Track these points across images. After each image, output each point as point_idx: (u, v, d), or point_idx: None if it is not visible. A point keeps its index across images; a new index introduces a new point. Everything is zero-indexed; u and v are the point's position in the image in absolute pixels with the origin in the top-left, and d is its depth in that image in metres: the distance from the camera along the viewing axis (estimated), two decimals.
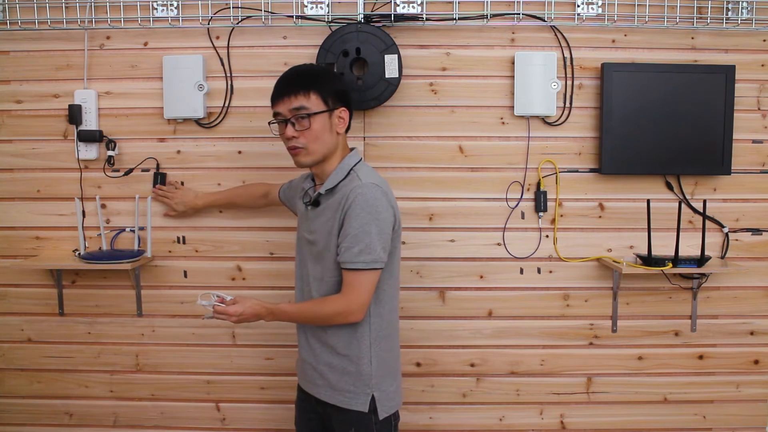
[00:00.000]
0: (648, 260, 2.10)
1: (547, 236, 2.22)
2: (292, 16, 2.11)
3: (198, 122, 2.18)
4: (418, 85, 2.17)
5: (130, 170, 2.20)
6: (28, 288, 2.26)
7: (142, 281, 2.24)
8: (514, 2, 2.12)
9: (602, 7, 2.11)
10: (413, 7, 2.10)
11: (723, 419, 2.29)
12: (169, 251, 2.23)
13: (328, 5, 2.10)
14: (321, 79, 1.63)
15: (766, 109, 2.19)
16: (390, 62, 2.05)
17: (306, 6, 2.11)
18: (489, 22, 2.13)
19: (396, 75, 2.06)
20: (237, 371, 2.27)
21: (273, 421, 2.28)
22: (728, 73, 2.11)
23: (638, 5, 2.11)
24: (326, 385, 1.67)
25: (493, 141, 2.19)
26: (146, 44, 2.17)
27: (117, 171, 2.20)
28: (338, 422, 1.67)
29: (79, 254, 2.14)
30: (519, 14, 2.13)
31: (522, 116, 2.17)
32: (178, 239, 2.23)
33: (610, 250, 2.22)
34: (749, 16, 2.11)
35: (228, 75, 2.17)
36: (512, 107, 2.15)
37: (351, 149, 1.71)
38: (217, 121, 2.18)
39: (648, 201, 2.13)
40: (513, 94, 2.14)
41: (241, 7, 2.12)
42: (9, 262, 2.22)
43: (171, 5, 2.12)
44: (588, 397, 2.28)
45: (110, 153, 2.16)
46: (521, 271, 2.23)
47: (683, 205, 2.17)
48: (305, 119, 1.60)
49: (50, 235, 2.23)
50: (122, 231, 2.22)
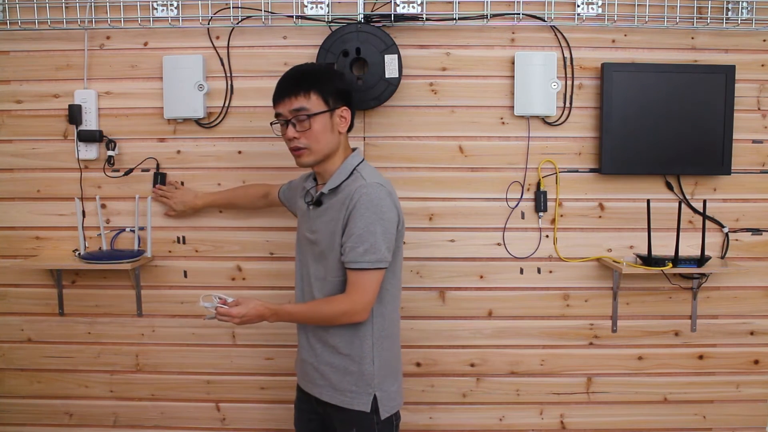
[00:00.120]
0: (648, 260, 2.10)
1: (547, 236, 2.22)
2: (292, 16, 2.11)
3: (198, 122, 2.18)
4: (418, 85, 2.17)
5: (130, 170, 2.20)
6: (28, 288, 2.26)
7: (142, 281, 2.24)
8: (514, 2, 2.12)
9: (602, 7, 2.11)
10: (413, 7, 2.10)
11: (723, 419, 2.29)
12: (169, 251, 2.23)
13: (328, 5, 2.10)
14: (321, 79, 1.63)
15: (766, 109, 2.19)
16: (390, 62, 2.05)
17: (306, 6, 2.11)
18: (489, 22, 2.13)
19: (396, 75, 2.06)
20: (237, 371, 2.27)
21: (273, 421, 2.28)
22: (728, 73, 2.11)
23: (638, 5, 2.11)
24: (327, 385, 1.66)
25: (493, 141, 2.19)
26: (146, 44, 2.17)
27: (117, 171, 2.20)
28: (339, 422, 1.67)
29: (79, 254, 2.14)
30: (519, 14, 2.13)
31: (522, 116, 2.17)
32: (178, 239, 2.23)
33: (610, 250, 2.22)
34: (749, 16, 2.11)
35: (228, 75, 2.17)
36: (512, 107, 2.15)
37: (353, 149, 1.71)
38: (217, 121, 2.19)
39: (648, 201, 2.13)
40: (513, 94, 2.15)
41: (241, 7, 2.12)
42: (9, 262, 2.22)
43: (171, 5, 2.12)
44: (588, 397, 2.28)
45: (110, 153, 2.16)
46: (521, 271, 2.23)
47: (683, 205, 2.17)
48: (306, 120, 1.60)
49: (50, 235, 2.23)
50: (122, 231, 2.22)
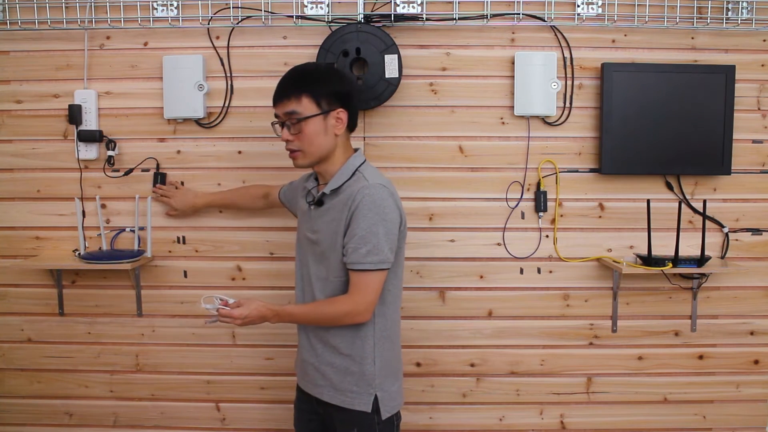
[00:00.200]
0: (648, 260, 2.10)
1: (547, 236, 2.22)
2: (292, 16, 2.11)
3: (198, 122, 2.18)
4: (418, 85, 2.17)
5: (130, 170, 2.20)
6: (28, 288, 2.26)
7: (142, 281, 2.24)
8: (514, 2, 2.12)
9: (602, 7, 2.11)
10: (413, 7, 2.10)
11: (723, 419, 2.29)
12: (169, 251, 2.23)
13: (328, 5, 2.10)
14: (313, 82, 1.61)
15: (766, 109, 2.19)
16: (390, 62, 2.05)
17: (306, 6, 2.10)
18: (489, 22, 2.13)
19: (396, 75, 2.06)
20: (237, 371, 2.27)
21: (273, 421, 2.28)
22: (728, 73, 2.10)
23: (638, 5, 2.11)
24: (328, 386, 1.66)
25: (493, 141, 2.19)
26: (146, 44, 2.17)
27: (117, 171, 2.20)
28: (340, 422, 1.66)
29: (79, 254, 2.14)
30: (519, 14, 2.13)
31: (522, 116, 2.17)
32: (178, 239, 2.23)
33: (610, 250, 2.22)
34: (749, 16, 2.11)
35: (228, 75, 2.17)
36: (512, 107, 2.15)
37: (355, 149, 1.70)
38: (217, 121, 2.18)
39: (648, 201, 2.13)
40: (513, 94, 2.14)
41: (241, 7, 2.12)
42: (9, 262, 2.22)
43: (171, 5, 2.12)
44: (588, 397, 2.28)
45: (110, 153, 2.16)
46: (521, 271, 2.23)
47: (683, 205, 2.17)
48: (298, 123, 1.60)
49: (50, 235, 2.23)
50: (122, 231, 2.22)
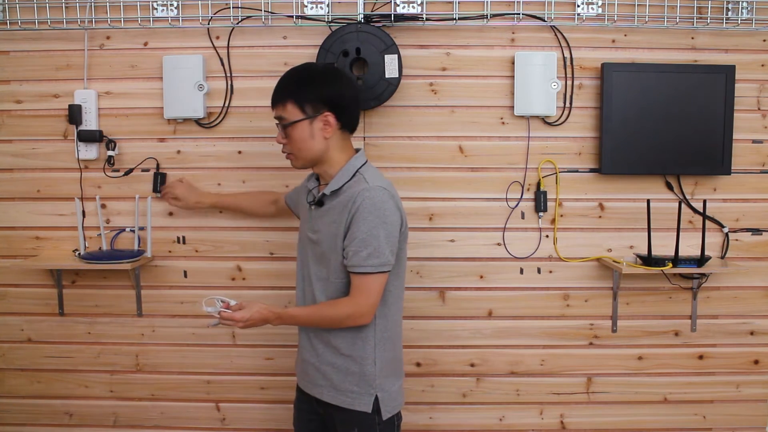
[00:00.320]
0: (648, 260, 2.10)
1: (547, 236, 2.22)
2: (292, 16, 2.11)
3: (198, 122, 2.18)
4: (418, 85, 2.17)
5: (130, 170, 2.20)
6: (28, 288, 2.26)
7: (142, 281, 2.24)
8: (514, 2, 2.12)
9: (602, 7, 2.11)
10: (413, 7, 2.10)
11: (723, 419, 2.29)
12: (169, 251, 2.23)
13: (328, 5, 2.10)
14: (297, 88, 1.61)
15: (766, 109, 2.19)
16: (390, 62, 2.05)
17: (306, 6, 2.10)
18: (489, 22, 2.13)
19: (396, 75, 2.06)
20: (237, 371, 2.27)
21: (273, 421, 2.28)
22: (728, 73, 2.10)
23: (638, 5, 2.11)
24: (329, 386, 1.66)
25: (493, 141, 2.19)
26: (146, 44, 2.17)
27: (117, 171, 2.20)
28: (341, 423, 1.66)
29: (79, 254, 2.14)
30: (519, 14, 2.13)
31: (522, 116, 2.17)
32: (178, 239, 2.23)
33: (610, 250, 2.22)
34: (749, 16, 2.11)
35: (228, 75, 2.17)
36: (512, 107, 2.15)
37: (357, 150, 1.70)
38: (217, 121, 2.18)
39: (648, 201, 2.13)
40: (513, 94, 2.14)
41: (241, 7, 2.12)
42: (9, 262, 2.22)
43: (171, 5, 2.12)
44: (588, 397, 2.28)
45: (110, 153, 2.16)
46: (521, 271, 2.23)
47: (683, 205, 2.17)
48: (286, 128, 1.63)
49: (50, 235, 2.23)
50: (122, 231, 2.22)
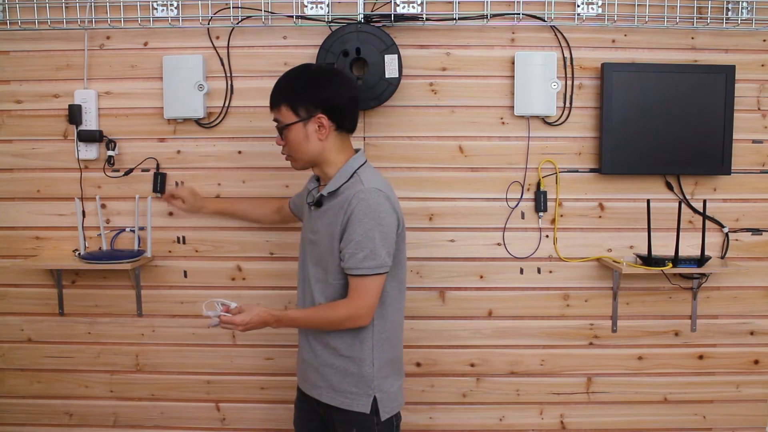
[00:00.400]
0: (648, 260, 2.10)
1: (547, 236, 2.22)
2: (292, 16, 2.11)
3: (198, 122, 2.18)
4: (418, 85, 2.17)
5: (130, 170, 2.20)
6: (28, 288, 2.26)
7: (142, 281, 2.24)
8: (514, 2, 2.12)
9: (602, 7, 2.11)
10: (413, 7, 2.10)
11: (723, 419, 2.29)
12: (169, 251, 2.23)
13: (328, 5, 2.10)
14: (290, 91, 1.63)
15: (766, 109, 2.19)
16: (390, 62, 2.05)
17: (306, 6, 2.10)
18: (489, 22, 2.13)
19: (396, 75, 2.06)
20: (237, 371, 2.27)
21: (273, 421, 2.28)
22: (728, 73, 2.10)
23: (638, 5, 2.11)
24: (328, 387, 1.66)
25: (493, 141, 2.19)
26: (146, 44, 2.17)
27: (117, 171, 2.20)
28: (340, 423, 1.66)
29: (79, 254, 2.14)
30: (519, 14, 2.13)
31: (522, 116, 2.17)
32: (178, 239, 2.23)
33: (610, 250, 2.22)
34: (749, 16, 2.11)
35: (228, 75, 2.17)
36: (512, 107, 2.15)
37: (356, 150, 1.70)
38: (217, 121, 2.18)
39: (648, 201, 2.13)
40: (513, 94, 2.14)
41: (241, 7, 2.12)
42: (9, 262, 2.22)
43: (171, 5, 2.12)
44: (588, 397, 2.28)
45: (110, 153, 2.16)
46: (521, 271, 2.23)
47: (683, 205, 2.17)
48: (282, 131, 1.65)
49: (50, 235, 2.23)
50: (122, 231, 2.22)
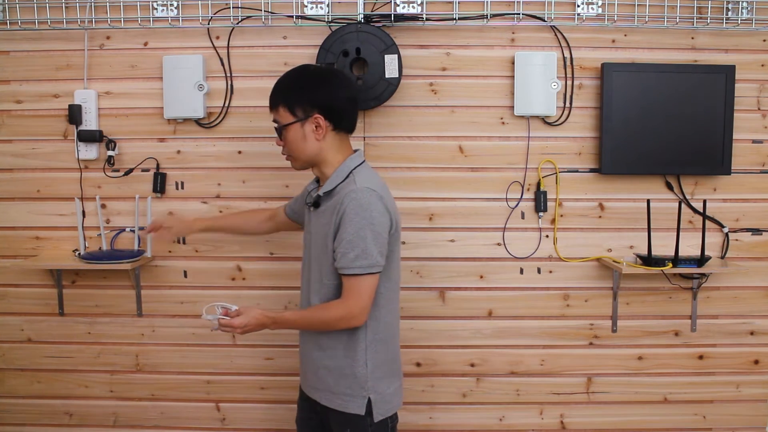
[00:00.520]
0: (648, 260, 2.10)
1: (547, 236, 2.22)
2: (292, 16, 2.11)
3: (198, 122, 2.18)
4: (418, 85, 2.17)
5: (130, 170, 2.20)
6: (28, 288, 2.26)
7: (142, 281, 2.24)
8: (514, 2, 2.12)
9: (602, 7, 2.11)
10: (413, 7, 2.10)
11: (723, 419, 2.29)
12: (169, 251, 2.23)
13: (328, 5, 2.10)
14: (287, 92, 1.64)
15: (766, 109, 2.19)
16: (390, 62, 2.05)
17: (306, 6, 2.10)
18: (489, 22, 2.13)
19: (396, 75, 2.06)
20: (237, 371, 2.28)
21: (273, 421, 2.28)
22: (728, 73, 2.10)
23: (638, 5, 2.11)
24: (325, 389, 1.66)
25: (493, 141, 2.19)
26: (146, 44, 2.17)
27: (117, 171, 2.20)
28: (335, 424, 1.67)
29: (79, 254, 2.14)
30: (519, 14, 2.13)
31: (522, 116, 2.17)
32: (178, 239, 2.23)
33: (610, 250, 2.22)
34: (749, 16, 2.11)
35: (228, 75, 2.17)
36: (512, 107, 2.15)
37: (355, 150, 1.70)
38: (217, 121, 2.18)
39: (648, 201, 2.13)
40: (513, 94, 2.14)
41: (241, 7, 2.12)
42: (9, 262, 2.22)
43: (171, 5, 2.12)
44: (588, 397, 2.28)
45: (110, 153, 2.16)
46: (521, 271, 2.23)
47: (683, 205, 2.17)
48: (280, 131, 1.66)
49: (50, 235, 2.23)
50: (122, 231, 2.22)
